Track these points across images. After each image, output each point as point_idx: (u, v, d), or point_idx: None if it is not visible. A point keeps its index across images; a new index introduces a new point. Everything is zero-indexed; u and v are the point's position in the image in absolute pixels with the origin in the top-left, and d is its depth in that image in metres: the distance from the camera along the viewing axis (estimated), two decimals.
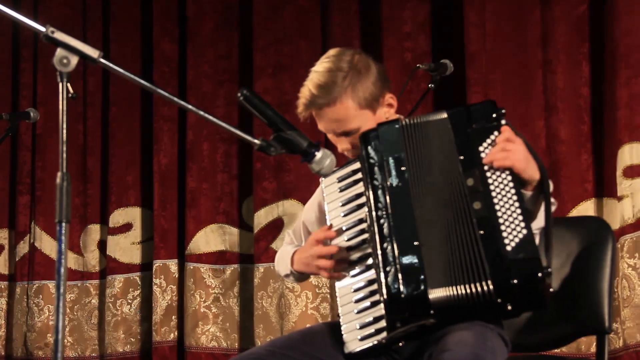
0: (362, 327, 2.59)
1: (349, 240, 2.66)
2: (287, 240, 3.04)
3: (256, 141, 2.36)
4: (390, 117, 2.81)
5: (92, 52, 2.18)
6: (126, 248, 5.36)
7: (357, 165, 2.68)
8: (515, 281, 2.43)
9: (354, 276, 2.63)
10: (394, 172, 2.58)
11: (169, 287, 5.17)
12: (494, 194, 2.49)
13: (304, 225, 2.99)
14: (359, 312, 2.60)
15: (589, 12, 4.56)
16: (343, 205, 2.69)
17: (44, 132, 5.48)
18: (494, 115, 2.56)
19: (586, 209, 4.48)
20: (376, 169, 2.60)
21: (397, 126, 2.63)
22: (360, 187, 2.66)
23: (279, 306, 4.99)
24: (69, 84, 2.20)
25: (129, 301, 5.30)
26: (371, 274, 2.59)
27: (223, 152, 5.22)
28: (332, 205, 2.72)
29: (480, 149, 2.54)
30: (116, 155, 5.41)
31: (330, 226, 2.69)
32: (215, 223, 5.20)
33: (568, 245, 2.88)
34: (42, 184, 5.48)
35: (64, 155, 2.15)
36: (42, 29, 2.13)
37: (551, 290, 2.47)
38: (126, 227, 5.38)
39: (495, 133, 2.54)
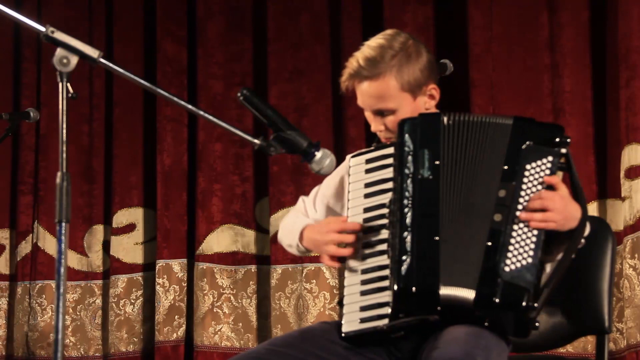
0: (364, 309, 2.56)
1: (366, 222, 2.62)
2: (300, 207, 2.99)
3: (256, 141, 2.37)
4: (430, 109, 2.80)
5: (92, 52, 2.19)
6: (130, 248, 5.37)
7: (389, 150, 2.64)
8: (497, 300, 2.43)
9: (364, 258, 2.60)
10: (427, 164, 2.54)
11: (172, 287, 5.18)
12: (518, 213, 2.47)
13: (322, 197, 2.94)
14: (364, 294, 2.57)
15: (594, 16, 4.59)
16: (366, 186, 2.65)
17: (47, 133, 5.49)
18: (557, 139, 2.52)
19: (593, 210, 4.49)
20: (410, 157, 2.56)
21: (438, 119, 2.60)
22: (387, 173, 2.62)
23: (297, 307, 5.01)
24: (69, 84, 2.19)
25: (132, 301, 5.31)
26: (383, 258, 2.56)
27: (234, 154, 5.23)
28: (355, 185, 2.68)
29: (528, 167, 2.51)
30: (120, 156, 5.42)
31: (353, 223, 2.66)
32: (226, 224, 5.20)
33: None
34: (45, 184, 5.49)
35: (64, 155, 2.14)
36: (42, 28, 2.13)
37: (537, 324, 2.46)
38: (130, 228, 5.39)
39: (550, 158, 2.50)
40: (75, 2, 5.52)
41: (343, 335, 2.60)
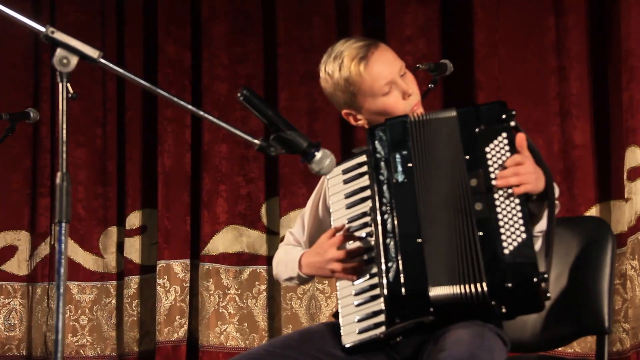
0: (361, 320, 2.58)
1: (351, 232, 2.64)
2: (289, 240, 3.00)
3: (256, 141, 2.35)
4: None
5: (92, 52, 2.17)
6: (141, 250, 5.41)
7: (362, 158, 2.66)
8: (509, 285, 2.42)
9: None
10: (400, 168, 2.55)
11: (173, 288, 5.21)
12: (496, 195, 2.47)
13: (310, 218, 2.95)
14: (359, 305, 2.59)
15: (599, 19, 4.62)
16: (347, 197, 2.67)
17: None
18: (504, 116, 2.52)
19: (598, 211, 4.53)
20: (382, 163, 2.58)
21: (405, 122, 2.61)
22: (365, 181, 2.64)
23: (309, 307, 5.03)
24: (69, 84, 2.19)
25: (143, 302, 5.35)
26: (372, 267, 2.58)
27: (240, 155, 5.26)
28: (336, 197, 2.70)
29: (487, 149, 2.51)
30: (132, 159, 5.47)
31: (336, 229, 2.67)
32: (231, 225, 5.24)
33: (568, 245, 2.86)
34: None
35: (64, 155, 2.14)
36: (42, 29, 2.13)
37: (548, 295, 2.45)
38: (141, 229, 5.43)
39: (504, 134, 2.51)
40: (88, 8, 5.58)
41: (343, 347, 2.62)
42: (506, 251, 2.44)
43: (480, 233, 2.47)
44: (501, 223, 2.45)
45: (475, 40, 4.76)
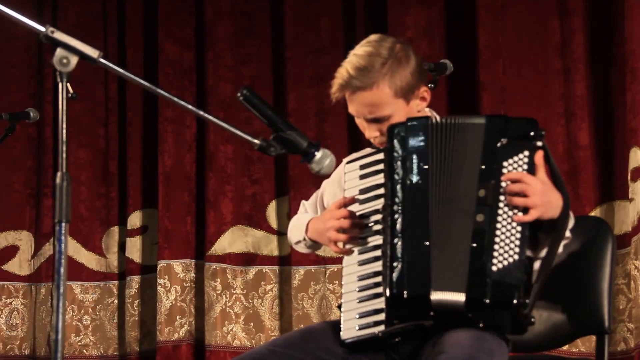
0: (362, 316, 2.58)
1: (362, 228, 2.63)
2: (302, 210, 3.03)
3: (256, 141, 2.35)
4: (422, 111, 2.78)
5: (92, 52, 2.17)
6: (142, 249, 5.43)
7: (381, 155, 2.64)
8: (487, 301, 2.41)
9: (361, 264, 2.61)
10: (415, 169, 2.53)
11: (174, 288, 5.23)
12: (500, 211, 2.45)
13: (321, 199, 2.97)
14: (361, 301, 2.59)
15: (603, 20, 4.62)
16: (361, 193, 2.66)
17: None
18: (532, 133, 2.50)
19: (603, 212, 4.54)
20: (399, 163, 2.55)
21: (426, 123, 2.58)
22: (380, 179, 2.62)
23: (321, 307, 5.06)
24: (68, 84, 2.19)
25: (144, 301, 5.37)
26: (378, 264, 2.57)
27: (244, 156, 5.27)
28: (350, 192, 2.69)
29: (505, 164, 2.48)
30: (132, 159, 5.49)
31: (344, 200, 2.66)
32: (236, 225, 5.25)
33: (568, 245, 2.85)
34: None
35: (64, 155, 2.14)
36: (42, 28, 2.13)
37: (532, 320, 2.46)
38: (142, 229, 5.44)
39: (526, 152, 2.48)
40: (90, 8, 5.59)
41: (342, 342, 2.61)
42: (494, 268, 2.42)
43: (474, 244, 2.45)
44: (497, 239, 2.44)
45: (479, 42, 4.76)
